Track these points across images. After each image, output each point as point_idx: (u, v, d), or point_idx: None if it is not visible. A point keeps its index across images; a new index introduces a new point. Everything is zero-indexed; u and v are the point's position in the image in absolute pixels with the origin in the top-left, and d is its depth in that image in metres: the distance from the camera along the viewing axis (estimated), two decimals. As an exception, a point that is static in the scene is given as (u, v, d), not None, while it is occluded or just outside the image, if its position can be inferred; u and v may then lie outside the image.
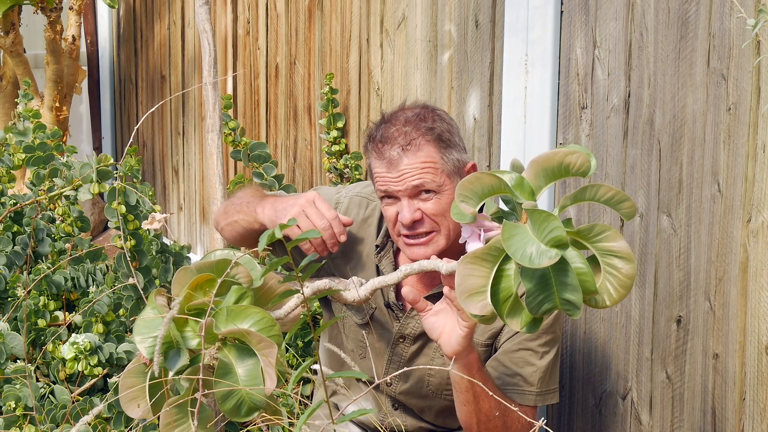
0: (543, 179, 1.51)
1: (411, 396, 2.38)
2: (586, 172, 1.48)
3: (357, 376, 1.63)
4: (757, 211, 2.22)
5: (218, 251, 1.68)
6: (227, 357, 1.54)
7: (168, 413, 1.55)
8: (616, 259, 1.49)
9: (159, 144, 5.15)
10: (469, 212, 1.52)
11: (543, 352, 2.25)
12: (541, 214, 1.43)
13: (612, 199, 1.49)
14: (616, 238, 1.49)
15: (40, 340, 3.06)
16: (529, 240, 1.43)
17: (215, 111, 2.73)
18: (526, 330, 1.51)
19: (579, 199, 1.50)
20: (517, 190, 1.50)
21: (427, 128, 2.22)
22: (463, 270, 1.50)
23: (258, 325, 1.53)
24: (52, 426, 2.67)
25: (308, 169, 3.88)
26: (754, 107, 2.20)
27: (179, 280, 1.61)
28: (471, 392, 2.09)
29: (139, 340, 1.56)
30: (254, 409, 1.54)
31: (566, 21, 2.66)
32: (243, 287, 1.59)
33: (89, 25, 5.56)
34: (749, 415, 2.29)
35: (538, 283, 1.46)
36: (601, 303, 1.51)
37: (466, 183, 1.50)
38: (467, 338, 1.97)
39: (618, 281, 1.50)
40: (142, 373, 1.58)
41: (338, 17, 3.63)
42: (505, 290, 1.50)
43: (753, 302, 2.25)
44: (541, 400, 2.25)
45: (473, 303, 1.50)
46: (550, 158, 1.49)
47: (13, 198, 3.51)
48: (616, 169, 2.56)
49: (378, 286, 1.76)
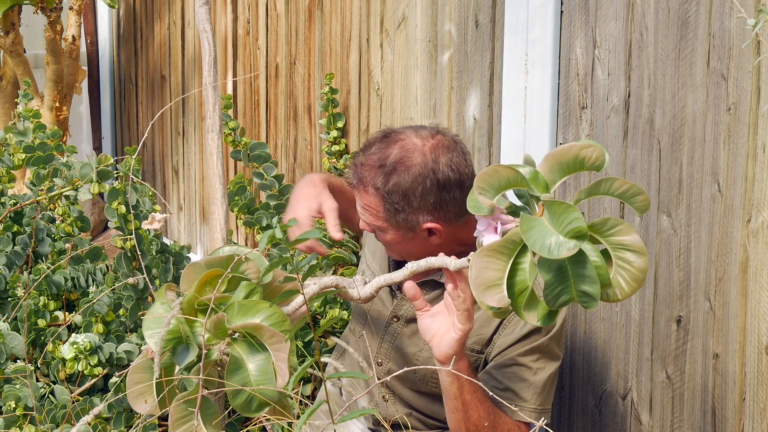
0: (558, 173, 1.51)
1: (398, 379, 2.37)
2: (600, 167, 1.49)
3: (359, 377, 1.63)
4: (757, 211, 2.22)
5: (226, 247, 1.68)
6: (238, 352, 1.53)
7: (177, 409, 1.55)
8: (629, 253, 1.50)
9: (159, 144, 5.15)
10: (488, 204, 1.52)
11: (537, 369, 2.21)
12: (561, 206, 1.44)
13: (626, 192, 1.49)
14: (629, 232, 1.49)
15: (40, 340, 3.06)
16: (548, 231, 1.44)
17: (215, 111, 2.73)
18: (542, 323, 1.52)
19: (593, 193, 1.50)
20: (532, 183, 1.51)
21: (380, 181, 2.19)
22: (480, 263, 1.50)
23: (269, 320, 1.53)
24: (52, 426, 2.67)
25: (308, 169, 3.88)
26: (754, 107, 2.20)
27: (188, 275, 1.60)
28: (459, 400, 2.05)
29: (149, 335, 1.56)
30: (265, 404, 1.54)
31: (566, 21, 2.66)
32: (253, 283, 1.59)
33: (89, 25, 5.56)
34: (749, 415, 2.29)
35: (556, 274, 1.47)
36: (613, 297, 1.52)
37: (484, 176, 1.51)
38: (460, 342, 1.94)
39: (630, 275, 1.51)
40: (149, 369, 1.58)
41: (338, 17, 3.63)
42: (520, 283, 1.50)
43: (753, 302, 2.25)
44: (537, 417, 2.21)
45: (490, 295, 1.51)
46: (565, 152, 1.50)
47: (13, 198, 3.51)
48: (616, 169, 2.56)
49: (383, 284, 1.76)
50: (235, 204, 3.57)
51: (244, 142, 3.55)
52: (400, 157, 2.18)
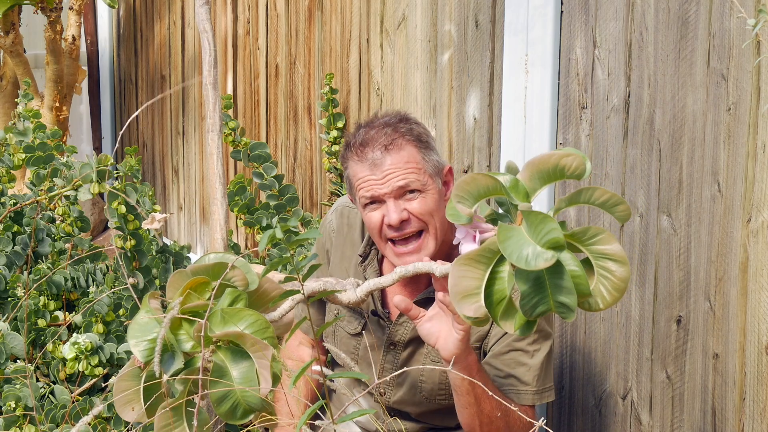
0: (538, 181, 1.50)
1: (405, 404, 2.37)
2: (581, 175, 1.48)
3: (358, 377, 1.63)
4: (757, 211, 2.22)
5: (213, 254, 1.67)
6: (221, 360, 1.54)
7: (163, 416, 1.55)
8: (610, 262, 1.49)
9: (159, 144, 5.15)
10: (466, 213, 1.51)
11: (534, 351, 2.23)
12: (538, 216, 1.42)
13: (607, 202, 1.48)
14: (610, 241, 1.48)
15: (40, 340, 3.06)
16: (525, 242, 1.42)
17: (215, 111, 2.73)
18: (520, 332, 1.50)
19: (574, 202, 1.49)
20: (512, 191, 1.49)
21: (407, 129, 2.23)
22: (457, 272, 1.49)
23: (252, 328, 1.53)
24: (52, 426, 2.67)
25: (308, 169, 3.89)
26: (754, 107, 2.20)
27: (174, 283, 1.60)
28: (472, 394, 2.08)
29: (134, 343, 1.56)
30: (250, 411, 1.54)
31: (566, 21, 2.66)
32: (237, 290, 1.58)
33: (89, 25, 5.56)
34: (749, 415, 2.29)
35: (533, 285, 1.45)
36: (595, 306, 1.50)
37: (463, 184, 1.49)
38: (464, 341, 1.97)
39: (612, 284, 1.49)
40: (136, 377, 1.58)
41: (338, 17, 3.63)
42: (498, 292, 1.49)
43: (753, 302, 2.25)
44: (539, 398, 2.25)
45: (467, 305, 1.49)
46: (545, 160, 1.49)
47: (13, 198, 3.51)
48: (616, 169, 2.56)
49: (373, 288, 1.76)
50: (235, 204, 3.57)
51: (244, 142, 3.55)
52: (400, 114, 2.28)
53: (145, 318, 1.57)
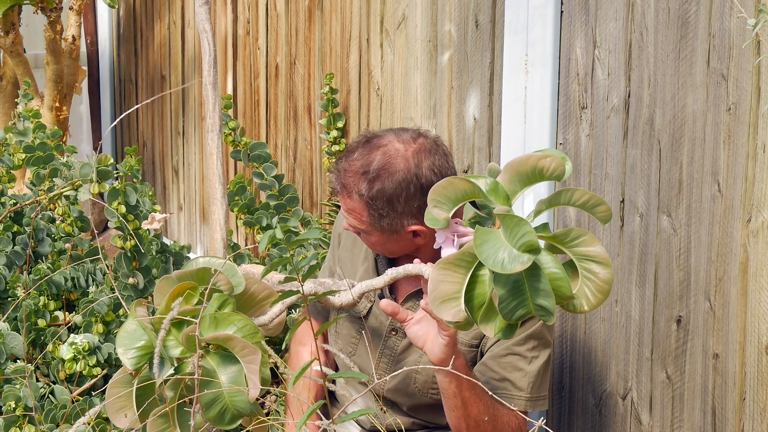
0: (518, 183, 1.49)
1: (398, 393, 2.37)
2: (560, 176, 1.47)
3: (356, 377, 1.63)
4: (757, 211, 2.21)
5: (201, 258, 1.67)
6: (210, 364, 1.54)
7: (154, 423, 1.56)
8: (594, 264, 1.48)
9: (159, 144, 5.15)
10: (442, 218, 1.50)
11: (532, 357, 2.22)
12: (513, 219, 1.42)
13: (587, 203, 1.47)
14: (593, 243, 1.47)
15: (40, 340, 3.06)
16: (501, 245, 1.41)
17: (215, 111, 2.73)
18: (502, 336, 1.49)
19: (554, 204, 1.49)
20: (492, 195, 1.48)
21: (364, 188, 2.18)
22: (436, 276, 1.47)
23: (241, 332, 1.53)
24: (51, 426, 2.67)
25: (308, 169, 3.88)
26: (754, 107, 2.20)
27: (161, 289, 1.60)
28: (459, 398, 2.07)
29: (122, 351, 1.56)
30: (238, 416, 1.54)
31: (566, 21, 2.66)
32: (224, 294, 1.58)
33: (89, 25, 5.56)
34: (749, 415, 2.29)
35: (512, 288, 1.43)
36: (579, 308, 1.50)
37: (439, 188, 1.48)
38: (449, 346, 1.96)
39: (596, 286, 1.49)
40: (128, 383, 1.58)
41: (338, 17, 3.63)
42: (480, 296, 1.47)
43: (753, 302, 2.25)
44: (531, 405, 2.23)
45: (446, 309, 1.48)
46: (523, 162, 1.47)
47: (13, 198, 3.51)
48: (616, 169, 2.56)
49: (365, 290, 1.76)
50: (235, 204, 3.57)
51: (244, 142, 3.55)
52: (384, 163, 2.17)
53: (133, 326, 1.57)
